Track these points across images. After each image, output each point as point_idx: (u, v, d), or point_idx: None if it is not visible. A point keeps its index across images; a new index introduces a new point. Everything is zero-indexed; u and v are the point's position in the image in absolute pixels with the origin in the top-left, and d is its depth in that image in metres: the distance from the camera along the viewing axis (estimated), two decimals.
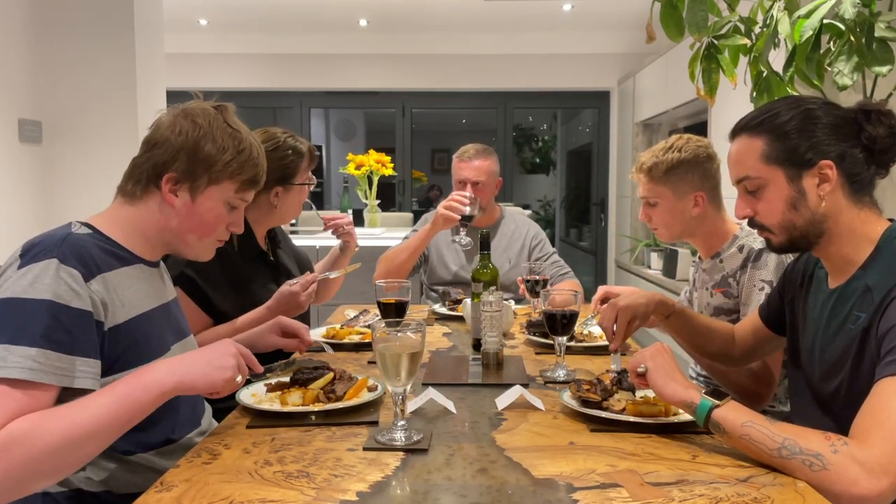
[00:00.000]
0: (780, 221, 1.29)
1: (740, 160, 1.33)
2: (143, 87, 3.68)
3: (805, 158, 1.25)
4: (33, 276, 1.12)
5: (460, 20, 6.10)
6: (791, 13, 2.02)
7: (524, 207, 5.94)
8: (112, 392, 1.11)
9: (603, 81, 6.64)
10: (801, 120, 1.27)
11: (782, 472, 1.07)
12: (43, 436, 1.03)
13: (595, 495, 1.00)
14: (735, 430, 1.12)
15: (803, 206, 1.26)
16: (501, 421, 1.33)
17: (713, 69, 2.25)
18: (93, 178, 3.62)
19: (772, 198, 1.29)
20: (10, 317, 1.09)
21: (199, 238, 1.35)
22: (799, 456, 1.05)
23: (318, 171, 8.70)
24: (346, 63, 6.64)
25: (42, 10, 3.53)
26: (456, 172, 2.80)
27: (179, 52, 5.84)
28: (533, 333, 2.03)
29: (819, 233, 1.28)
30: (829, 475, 1.03)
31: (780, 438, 1.08)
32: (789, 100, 1.34)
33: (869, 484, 1.00)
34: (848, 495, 1.01)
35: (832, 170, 1.25)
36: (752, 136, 1.31)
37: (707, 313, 1.92)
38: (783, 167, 1.27)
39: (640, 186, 1.96)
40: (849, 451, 1.03)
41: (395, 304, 2.01)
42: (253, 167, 1.35)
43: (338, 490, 1.02)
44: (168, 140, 1.29)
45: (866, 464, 1.01)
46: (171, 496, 1.00)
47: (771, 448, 1.08)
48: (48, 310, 1.10)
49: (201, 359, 1.19)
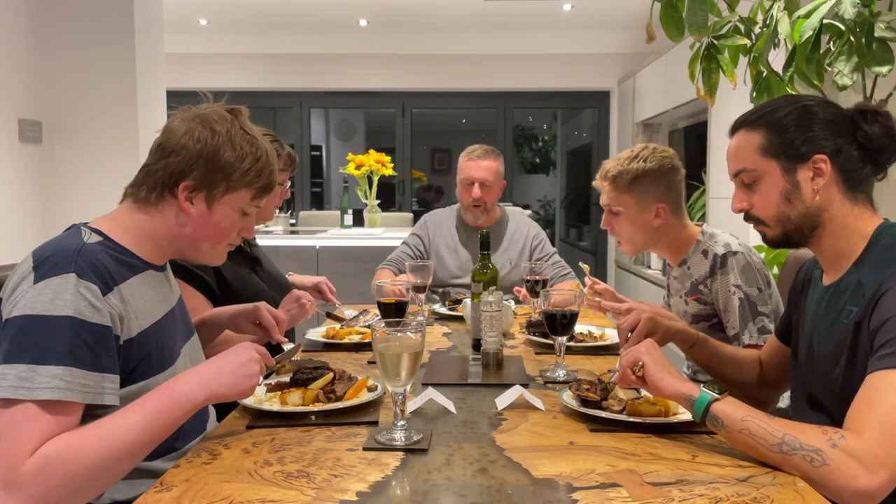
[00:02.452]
0: (775, 213, 1.31)
1: (738, 153, 1.35)
2: (143, 86, 3.68)
3: (800, 152, 1.28)
4: (52, 291, 1.10)
5: (460, 20, 6.10)
6: (791, 13, 2.02)
7: (524, 207, 5.94)
8: (144, 409, 1.11)
9: (603, 81, 6.65)
10: (798, 115, 1.29)
11: (781, 468, 1.08)
12: (79, 458, 1.03)
13: (595, 495, 1.00)
14: (734, 424, 1.12)
15: (797, 199, 1.29)
16: (501, 421, 1.33)
17: (713, 69, 2.26)
18: (93, 178, 3.62)
19: (767, 190, 1.31)
20: (33, 335, 1.07)
21: (212, 245, 1.33)
22: (800, 451, 1.05)
23: (318, 171, 8.76)
24: (346, 63, 6.64)
25: (42, 11, 3.53)
26: (463, 171, 2.78)
27: (179, 52, 5.85)
28: (533, 333, 2.03)
29: (813, 226, 1.29)
30: (830, 471, 1.03)
31: (780, 434, 1.08)
32: (788, 97, 1.37)
33: (867, 479, 1.01)
34: (848, 490, 1.02)
35: (826, 164, 1.27)
36: (751, 130, 1.33)
37: (686, 321, 1.92)
38: (778, 160, 1.29)
39: (604, 194, 1.97)
40: (846, 444, 1.04)
41: (395, 304, 2.02)
42: (269, 174, 1.33)
43: (338, 490, 1.02)
44: (185, 147, 1.26)
45: (864, 458, 1.02)
46: (171, 496, 1.00)
47: (771, 443, 1.08)
48: (71, 327, 1.09)
49: (227, 368, 1.19)
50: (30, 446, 1.02)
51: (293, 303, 1.89)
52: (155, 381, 1.21)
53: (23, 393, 1.04)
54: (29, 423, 1.03)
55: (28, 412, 1.03)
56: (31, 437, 1.03)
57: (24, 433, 1.03)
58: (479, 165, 2.74)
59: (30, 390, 1.04)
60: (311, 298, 1.93)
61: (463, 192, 2.79)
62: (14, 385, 1.04)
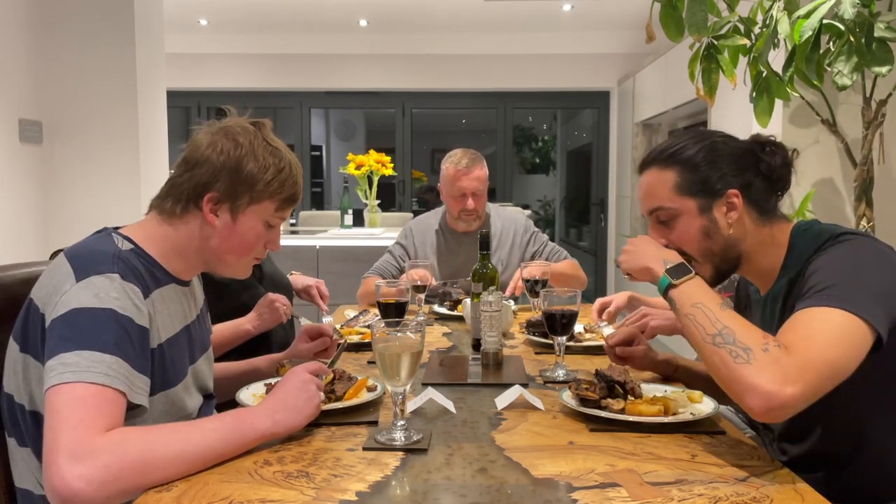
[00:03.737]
0: (698, 250, 1.33)
1: (652, 192, 1.37)
2: (143, 87, 3.68)
3: (715, 188, 1.31)
4: (98, 288, 1.12)
5: (460, 20, 6.10)
6: (791, 13, 2.02)
7: (524, 207, 5.94)
8: (223, 420, 1.13)
9: (603, 81, 6.65)
10: (707, 152, 1.33)
11: (704, 359, 1.13)
12: (157, 443, 1.04)
13: (594, 495, 1.00)
14: (683, 308, 1.19)
15: (716, 234, 1.32)
16: (501, 421, 1.33)
17: (713, 69, 2.26)
18: (93, 178, 3.62)
19: (684, 228, 1.33)
20: (80, 325, 1.08)
21: (238, 258, 1.33)
22: (729, 346, 1.10)
23: (318, 171, 8.77)
24: (346, 63, 6.64)
25: (42, 11, 3.53)
26: (453, 183, 2.69)
27: (179, 52, 5.85)
28: (533, 333, 2.03)
29: (736, 255, 1.33)
30: (749, 369, 1.06)
31: (720, 326, 1.12)
32: (694, 133, 1.40)
33: (782, 385, 1.04)
34: (760, 391, 1.04)
35: (738, 198, 1.31)
36: (663, 168, 1.35)
37: None
38: (695, 198, 1.32)
39: None
40: (778, 353, 1.07)
41: (395, 304, 2.02)
42: (293, 185, 1.33)
43: (337, 490, 1.02)
44: (209, 159, 1.26)
45: (786, 368, 1.05)
46: (171, 496, 1.00)
47: (708, 332, 1.12)
48: (117, 320, 1.11)
49: (289, 401, 1.19)
50: (101, 421, 1.03)
51: (265, 307, 1.90)
52: (154, 400, 1.21)
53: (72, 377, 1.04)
54: (95, 399, 1.04)
55: (88, 390, 1.04)
56: (101, 413, 1.04)
57: (91, 408, 1.03)
58: (469, 177, 2.67)
59: (76, 373, 1.04)
60: (287, 302, 1.93)
61: (455, 203, 2.71)
62: (73, 370, 1.05)
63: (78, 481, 0.96)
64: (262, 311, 1.90)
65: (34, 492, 1.19)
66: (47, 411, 1.03)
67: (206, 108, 6.91)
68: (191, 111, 6.92)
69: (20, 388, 1.18)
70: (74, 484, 0.96)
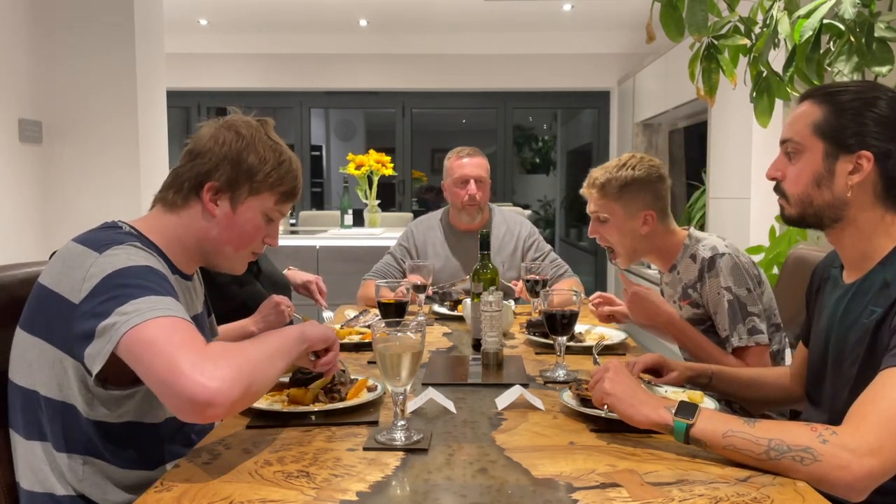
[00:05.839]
0: (800, 193, 1.28)
1: (794, 122, 1.31)
2: (143, 87, 3.68)
3: (847, 142, 1.24)
4: (125, 252, 1.16)
5: (460, 20, 6.10)
6: (791, 13, 2.02)
7: (524, 207, 5.94)
8: (270, 334, 1.23)
9: (603, 81, 6.65)
10: (862, 104, 1.24)
11: (776, 471, 1.07)
12: (245, 351, 1.11)
13: (595, 495, 1.00)
14: (717, 442, 1.10)
15: (826, 187, 1.25)
16: (501, 421, 1.33)
17: (713, 69, 2.25)
18: (93, 178, 3.62)
19: (802, 167, 1.28)
20: (124, 282, 1.11)
21: (235, 250, 1.36)
22: (788, 454, 1.05)
23: (318, 171, 8.76)
24: (346, 63, 6.64)
25: (42, 10, 3.53)
26: (455, 170, 2.74)
27: (179, 52, 5.85)
28: (533, 333, 2.03)
29: (835, 217, 1.27)
30: (822, 466, 1.02)
31: (765, 441, 1.06)
32: (868, 83, 1.31)
33: (858, 467, 1.01)
34: (840, 482, 1.02)
35: (869, 162, 1.22)
36: (815, 103, 1.29)
37: None
38: (825, 141, 1.26)
39: (591, 202, 1.97)
40: (838, 439, 1.03)
41: (395, 304, 2.02)
42: (292, 179, 1.37)
43: (338, 490, 1.02)
44: (211, 150, 1.30)
45: (856, 448, 1.02)
46: (171, 496, 1.00)
47: (757, 453, 1.07)
48: (155, 272, 1.15)
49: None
50: (198, 337, 1.07)
51: (270, 309, 1.91)
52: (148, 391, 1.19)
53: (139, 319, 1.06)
54: (179, 325, 1.08)
55: (167, 321, 1.07)
56: (193, 333, 1.08)
57: (182, 331, 1.07)
58: (472, 163, 2.73)
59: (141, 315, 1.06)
60: (290, 304, 1.94)
61: (458, 192, 2.73)
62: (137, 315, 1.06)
63: (213, 381, 1.01)
64: (268, 314, 1.90)
65: (35, 490, 1.19)
66: (139, 349, 1.04)
67: (206, 108, 6.91)
68: (191, 111, 6.92)
69: (33, 375, 1.18)
70: (212, 385, 1.01)
